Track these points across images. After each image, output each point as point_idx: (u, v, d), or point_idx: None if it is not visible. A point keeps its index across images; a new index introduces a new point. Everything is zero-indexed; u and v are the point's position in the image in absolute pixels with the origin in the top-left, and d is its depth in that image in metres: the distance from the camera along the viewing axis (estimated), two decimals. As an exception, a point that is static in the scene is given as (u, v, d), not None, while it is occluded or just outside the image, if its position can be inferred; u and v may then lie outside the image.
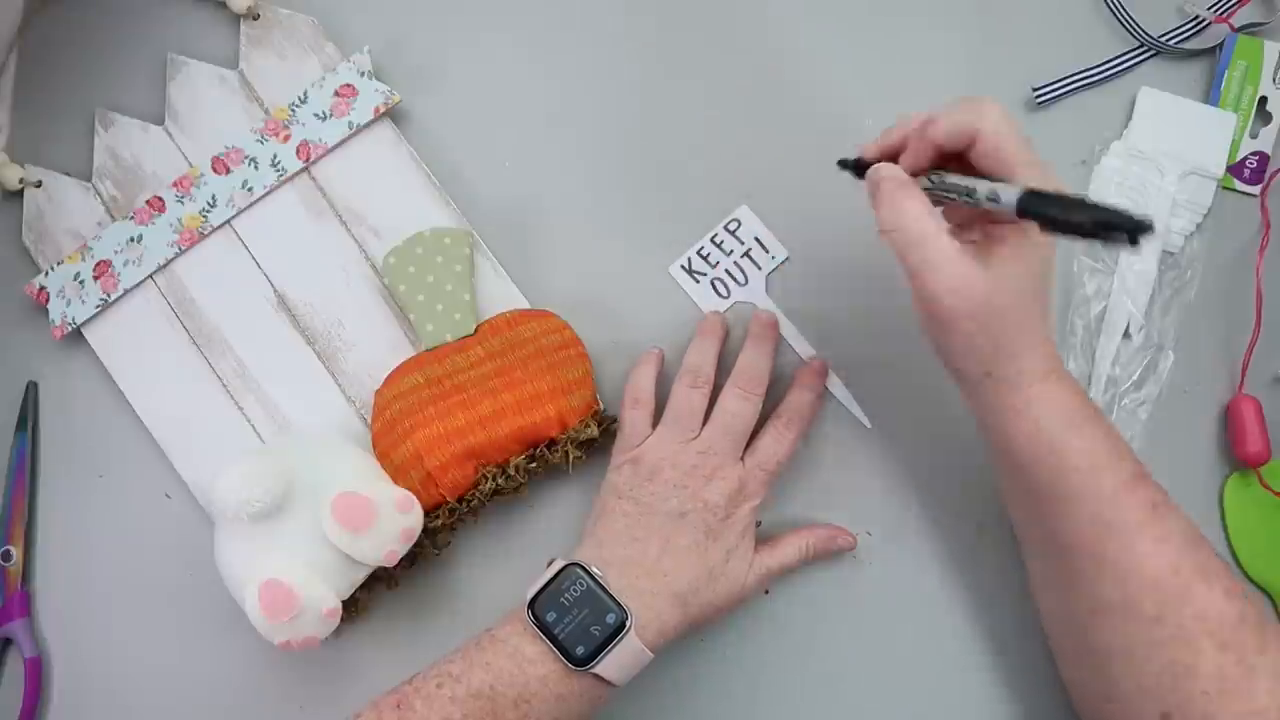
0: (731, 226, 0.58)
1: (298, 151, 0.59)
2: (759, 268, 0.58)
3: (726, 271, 0.58)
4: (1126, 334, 0.57)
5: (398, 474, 0.55)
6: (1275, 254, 0.58)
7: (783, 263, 0.58)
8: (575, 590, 0.47)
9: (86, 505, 0.58)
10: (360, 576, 0.54)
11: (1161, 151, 0.59)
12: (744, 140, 0.60)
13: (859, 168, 0.49)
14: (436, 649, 0.55)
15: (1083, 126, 0.60)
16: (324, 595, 0.52)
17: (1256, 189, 0.59)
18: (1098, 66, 0.60)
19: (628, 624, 0.47)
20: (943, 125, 0.44)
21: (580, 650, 0.46)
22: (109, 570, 0.58)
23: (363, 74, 0.59)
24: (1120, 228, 0.37)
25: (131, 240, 0.59)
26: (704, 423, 0.53)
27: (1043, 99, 0.60)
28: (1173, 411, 0.57)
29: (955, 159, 0.45)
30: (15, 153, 0.62)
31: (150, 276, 0.59)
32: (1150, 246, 0.58)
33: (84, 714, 0.57)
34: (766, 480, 0.52)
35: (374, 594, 0.56)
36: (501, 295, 0.58)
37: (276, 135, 0.59)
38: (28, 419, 0.59)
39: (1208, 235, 0.58)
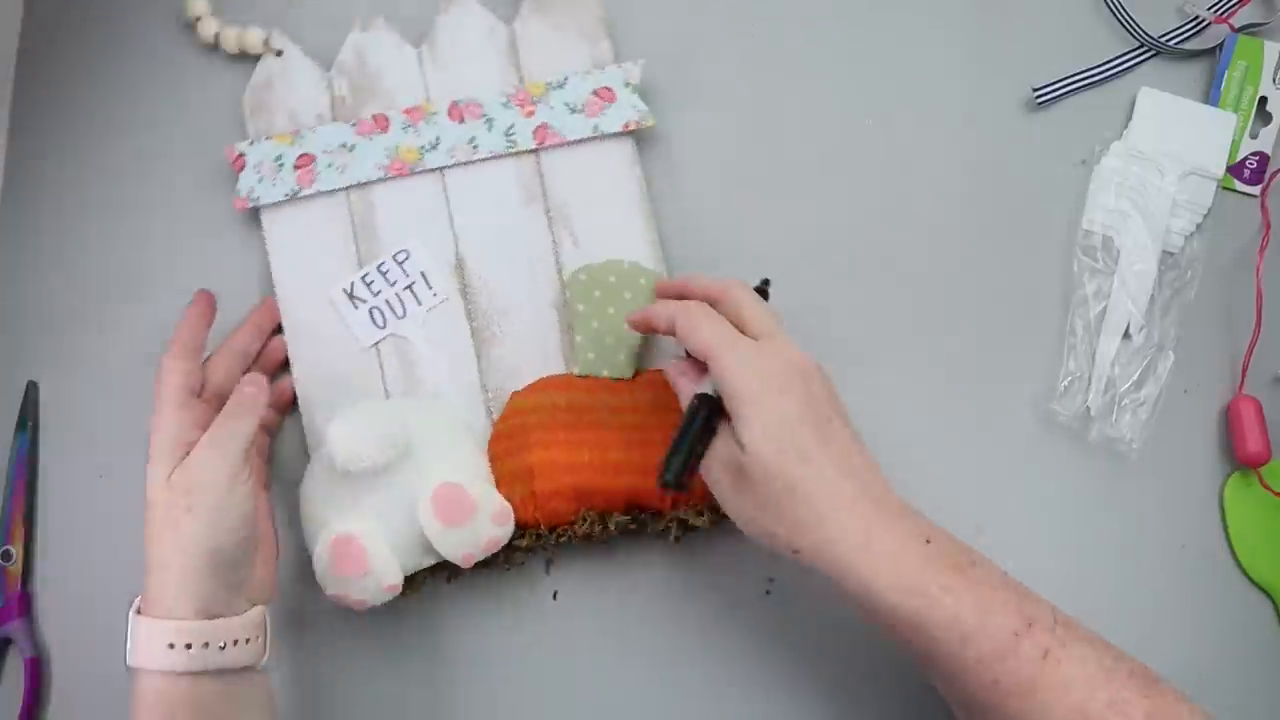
0: (400, 258, 0.57)
1: (535, 132, 0.58)
2: (419, 303, 0.56)
3: (386, 302, 0.57)
4: (1126, 334, 0.57)
5: (502, 480, 0.54)
6: (1275, 254, 0.57)
7: (443, 302, 0.57)
8: None
9: (86, 505, 0.58)
10: (429, 562, 0.53)
11: (1161, 152, 0.58)
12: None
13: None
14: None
15: (1083, 126, 0.60)
16: (391, 568, 0.52)
17: (1256, 189, 0.59)
18: (1098, 66, 0.60)
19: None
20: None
21: None
22: (109, 570, 0.56)
23: (628, 85, 0.58)
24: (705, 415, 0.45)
25: (344, 146, 0.58)
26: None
27: (1043, 99, 0.59)
28: (1173, 411, 0.56)
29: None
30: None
31: (347, 189, 0.58)
32: (1151, 247, 0.57)
33: (84, 714, 0.57)
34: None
35: (432, 580, 0.55)
36: (667, 352, 0.56)
37: (522, 107, 0.58)
38: (28, 419, 0.59)
39: (1208, 235, 0.58)
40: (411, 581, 0.54)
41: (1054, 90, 0.60)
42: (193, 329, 0.52)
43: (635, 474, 0.53)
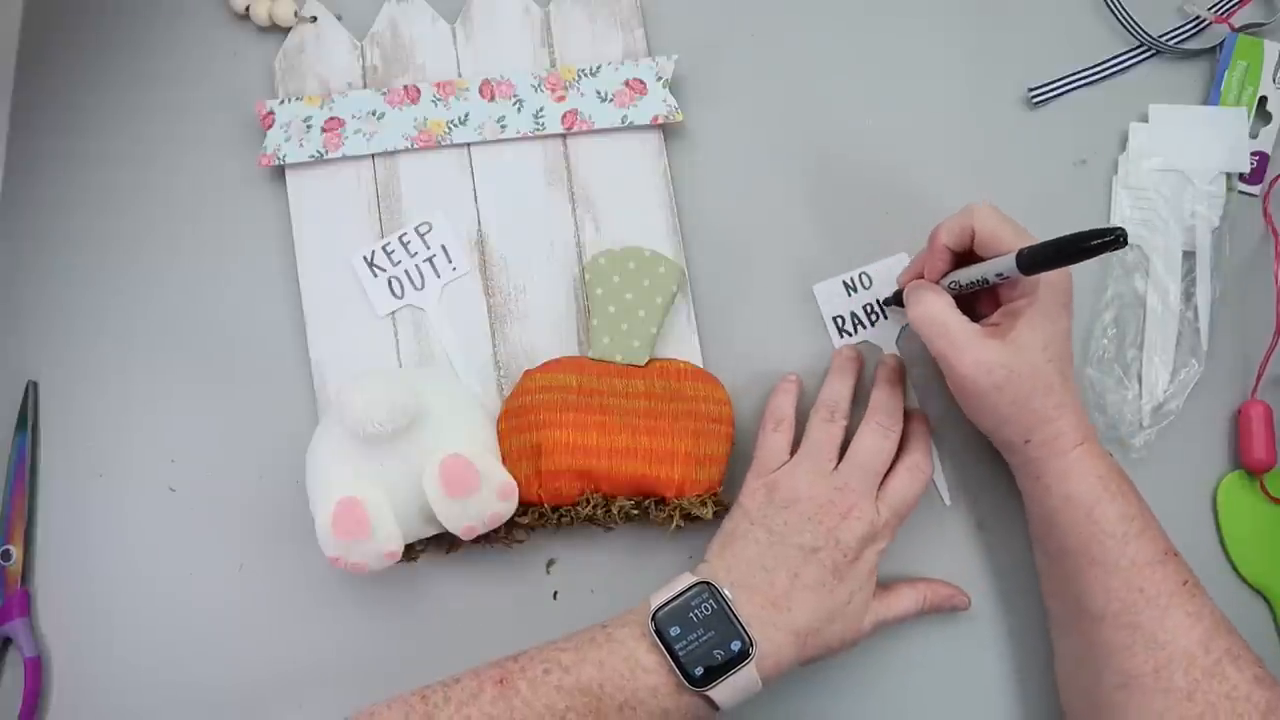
0: (422, 230, 0.57)
1: (564, 117, 0.58)
2: (438, 276, 0.57)
3: (405, 273, 0.57)
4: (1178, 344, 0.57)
5: (508, 456, 0.54)
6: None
7: (461, 276, 0.57)
8: (704, 610, 0.48)
9: (86, 505, 0.58)
10: (431, 531, 0.53)
11: (1186, 162, 0.59)
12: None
13: (899, 300, 0.56)
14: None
15: (1081, 126, 0.61)
16: (393, 535, 0.52)
17: (1256, 189, 0.60)
18: (1096, 67, 0.61)
19: (751, 653, 0.47)
20: (944, 230, 0.51)
21: (699, 670, 0.46)
22: (109, 570, 0.58)
23: (659, 79, 0.58)
24: (1101, 238, 0.43)
25: (373, 114, 0.59)
26: (839, 457, 0.53)
27: (1038, 99, 0.60)
28: (1186, 413, 0.57)
29: (967, 259, 0.51)
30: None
31: (373, 156, 0.59)
32: (1181, 257, 0.58)
33: (84, 714, 0.57)
34: (897, 524, 0.52)
35: (429, 551, 0.55)
36: (681, 342, 0.57)
37: (553, 92, 0.58)
38: (28, 419, 0.59)
39: (1223, 238, 0.59)
40: (410, 550, 0.54)
41: (1050, 90, 0.60)
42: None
43: (641, 460, 0.54)
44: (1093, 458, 0.49)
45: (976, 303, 0.54)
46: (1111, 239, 0.42)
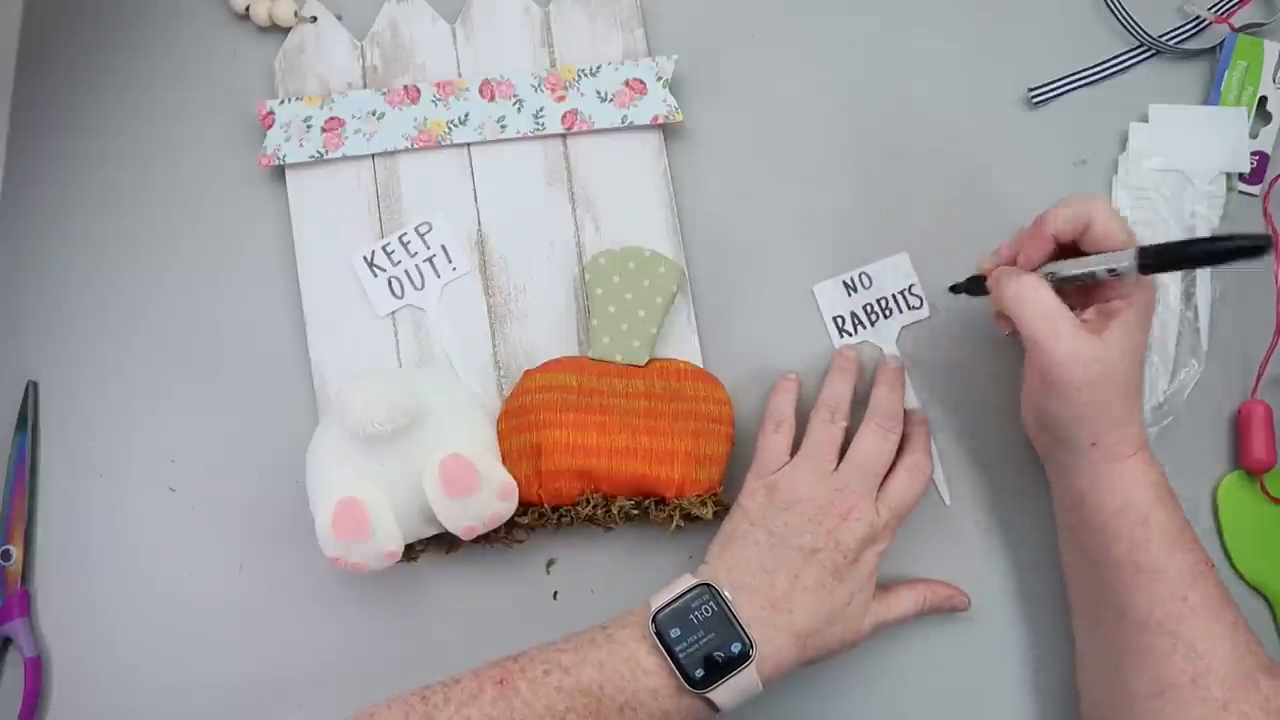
0: (422, 230, 0.57)
1: (564, 117, 0.58)
2: (438, 276, 0.57)
3: (405, 273, 0.57)
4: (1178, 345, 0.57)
5: (508, 456, 0.54)
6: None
7: (461, 276, 0.58)
8: (704, 612, 0.48)
9: (86, 505, 0.58)
10: (431, 531, 0.53)
11: (1185, 162, 0.59)
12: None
13: (972, 287, 0.54)
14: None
15: (1081, 126, 0.61)
16: (393, 535, 0.52)
17: (1256, 189, 0.60)
18: (1096, 67, 0.61)
19: (751, 655, 0.47)
20: (1059, 217, 0.49)
21: (699, 672, 0.46)
22: (109, 570, 0.58)
23: (659, 79, 0.58)
24: (1244, 242, 0.40)
25: (373, 114, 0.59)
26: (839, 458, 0.53)
27: (1039, 99, 0.60)
28: (1186, 413, 0.57)
29: (1064, 250, 0.50)
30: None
31: (373, 156, 0.59)
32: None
33: (84, 714, 0.57)
34: (897, 525, 0.52)
35: (429, 550, 0.55)
36: (681, 342, 0.57)
37: (553, 92, 0.58)
38: (28, 419, 0.59)
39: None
40: (410, 550, 0.54)
41: (1050, 90, 0.60)
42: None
43: (641, 460, 0.54)
44: (1147, 464, 0.49)
45: None
46: (1254, 247, 0.40)
